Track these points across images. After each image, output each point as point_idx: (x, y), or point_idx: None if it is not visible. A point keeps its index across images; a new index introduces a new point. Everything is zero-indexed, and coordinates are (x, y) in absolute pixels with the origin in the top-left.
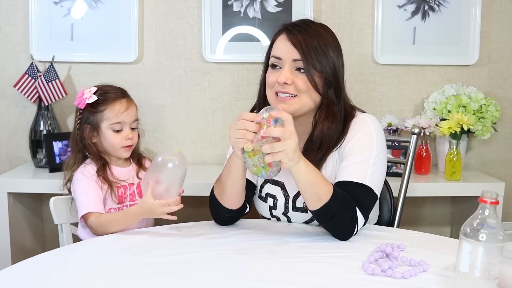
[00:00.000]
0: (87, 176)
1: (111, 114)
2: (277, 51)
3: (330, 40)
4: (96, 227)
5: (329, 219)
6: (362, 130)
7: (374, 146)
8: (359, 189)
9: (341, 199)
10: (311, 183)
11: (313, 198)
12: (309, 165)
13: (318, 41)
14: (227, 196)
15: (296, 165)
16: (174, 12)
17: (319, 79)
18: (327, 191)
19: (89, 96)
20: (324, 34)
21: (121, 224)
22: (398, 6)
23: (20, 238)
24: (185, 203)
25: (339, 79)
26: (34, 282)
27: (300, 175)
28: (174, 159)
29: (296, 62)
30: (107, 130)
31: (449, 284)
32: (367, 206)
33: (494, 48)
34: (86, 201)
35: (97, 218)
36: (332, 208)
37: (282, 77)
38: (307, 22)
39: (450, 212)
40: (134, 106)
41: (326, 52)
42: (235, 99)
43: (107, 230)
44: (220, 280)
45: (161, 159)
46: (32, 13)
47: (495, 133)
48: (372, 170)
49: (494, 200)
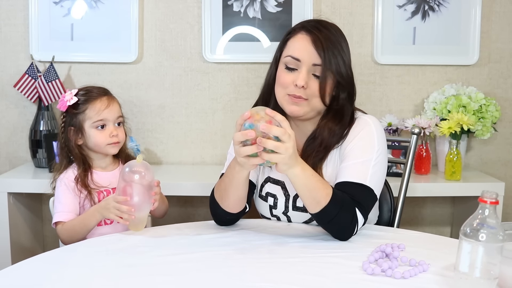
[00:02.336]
0: (65, 184)
1: (93, 113)
2: (296, 52)
3: (343, 42)
4: (62, 235)
5: (329, 221)
6: (364, 131)
7: (375, 146)
8: (359, 189)
9: (340, 201)
10: (309, 187)
11: (311, 201)
12: (307, 169)
13: (337, 46)
14: (229, 202)
15: (291, 169)
16: (174, 12)
17: (332, 84)
18: (326, 194)
19: (70, 98)
20: (339, 37)
21: (82, 226)
22: (398, 6)
23: (20, 238)
24: (185, 203)
25: (353, 86)
26: (34, 282)
27: (297, 179)
28: (140, 171)
29: (315, 67)
30: (90, 129)
31: (449, 284)
32: (367, 206)
33: (494, 48)
34: (59, 209)
35: (62, 226)
36: (332, 211)
37: (301, 81)
38: (324, 23)
39: (450, 212)
40: (116, 103)
41: (342, 56)
42: (235, 99)
43: (72, 236)
44: (220, 280)
45: (128, 169)
46: (32, 13)
47: (495, 133)
48: (373, 170)
49: (494, 200)
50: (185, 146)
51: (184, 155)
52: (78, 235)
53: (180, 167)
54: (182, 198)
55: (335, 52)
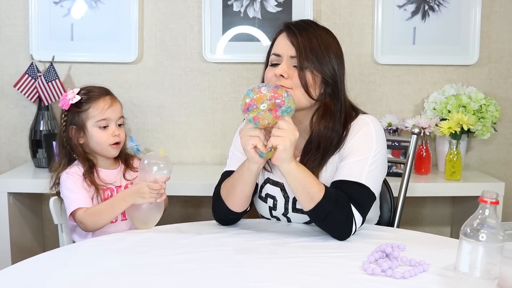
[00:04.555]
0: (72, 176)
1: (96, 112)
2: (277, 49)
3: (331, 44)
4: (85, 220)
5: (324, 218)
6: (362, 130)
7: (374, 145)
8: (354, 187)
9: (334, 197)
10: (302, 182)
11: (305, 197)
12: (300, 166)
13: (317, 41)
14: (235, 199)
15: (285, 163)
16: (174, 12)
17: (313, 78)
18: (319, 189)
19: (73, 96)
20: (324, 36)
21: (110, 210)
22: (398, 6)
23: (20, 238)
24: (185, 203)
25: (337, 82)
26: (34, 282)
27: (290, 174)
28: (159, 163)
29: (293, 59)
30: (93, 128)
31: (449, 284)
32: (364, 204)
33: (494, 48)
34: (74, 198)
35: (85, 211)
36: (326, 207)
37: (279, 70)
38: (308, 22)
39: (450, 212)
40: (118, 103)
41: (324, 53)
42: (235, 99)
43: (97, 222)
44: (220, 280)
45: (147, 161)
46: (32, 13)
47: (495, 133)
48: (370, 169)
49: (494, 200)
50: (185, 146)
51: (184, 155)
52: (104, 220)
53: (180, 167)
54: (182, 198)
55: (313, 44)
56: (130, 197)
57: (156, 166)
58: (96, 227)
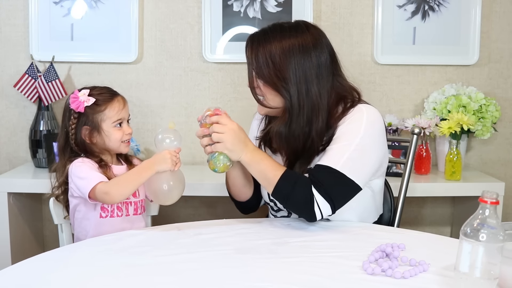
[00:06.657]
0: (85, 164)
1: (112, 113)
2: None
3: (290, 44)
4: (110, 189)
5: (285, 200)
6: (353, 117)
7: (360, 133)
8: (322, 172)
9: (292, 179)
10: (258, 170)
11: (264, 183)
12: (256, 155)
13: (263, 48)
14: (234, 190)
15: (239, 157)
16: (174, 12)
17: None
18: (275, 175)
19: (86, 99)
20: (282, 38)
21: (136, 179)
22: (398, 6)
23: (20, 238)
24: (185, 203)
25: (297, 83)
26: (34, 282)
27: (247, 166)
28: (170, 136)
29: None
30: (110, 128)
31: (449, 284)
32: (332, 189)
33: (494, 48)
34: (92, 177)
35: (108, 182)
36: (284, 188)
37: (248, 82)
38: (266, 29)
39: (450, 212)
40: (127, 102)
41: (269, 59)
42: (235, 99)
43: (123, 190)
44: (220, 280)
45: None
46: (32, 13)
47: (495, 133)
48: (351, 156)
49: (494, 200)
50: (185, 146)
51: (184, 155)
52: (130, 188)
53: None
54: (182, 198)
55: (259, 52)
56: (155, 165)
57: (168, 139)
58: (122, 196)
